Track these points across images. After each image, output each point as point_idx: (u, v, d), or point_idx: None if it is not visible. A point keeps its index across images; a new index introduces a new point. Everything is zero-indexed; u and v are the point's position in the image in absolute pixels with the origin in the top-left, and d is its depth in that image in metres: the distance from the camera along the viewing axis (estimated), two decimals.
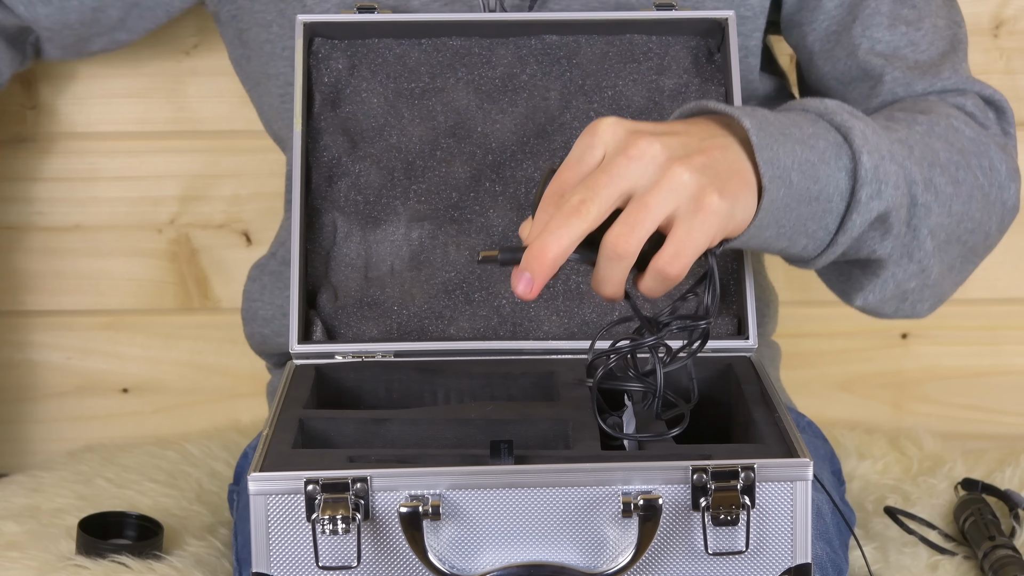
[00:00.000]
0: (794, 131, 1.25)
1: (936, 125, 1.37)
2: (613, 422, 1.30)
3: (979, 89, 1.47)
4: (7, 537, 1.50)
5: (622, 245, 1.16)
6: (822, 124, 1.28)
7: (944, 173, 1.34)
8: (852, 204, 1.27)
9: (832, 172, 1.26)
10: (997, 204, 1.40)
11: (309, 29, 1.43)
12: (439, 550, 1.17)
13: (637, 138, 1.18)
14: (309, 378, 1.34)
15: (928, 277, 1.37)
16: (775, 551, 1.18)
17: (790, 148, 1.24)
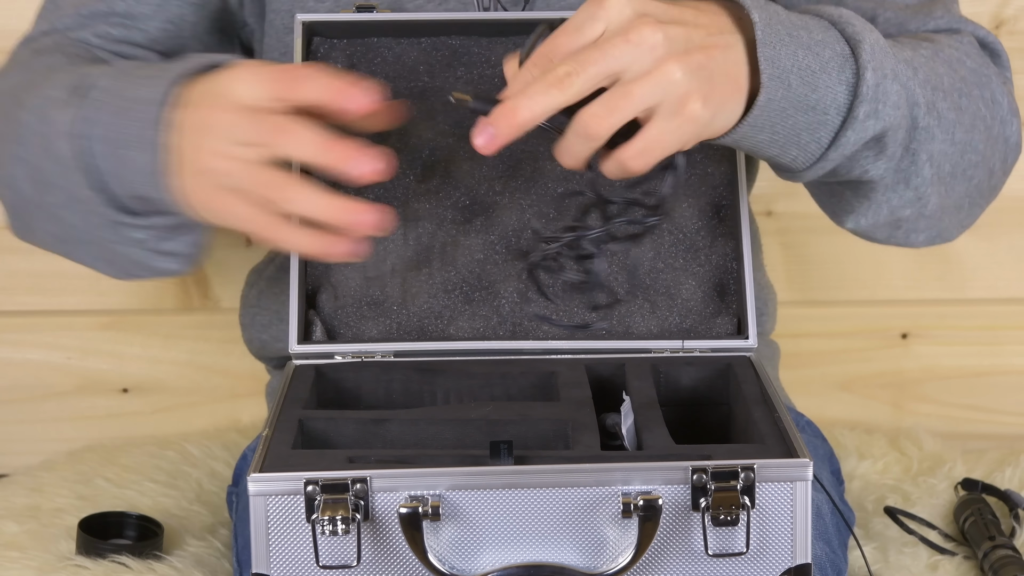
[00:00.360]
0: (802, 34, 1.23)
1: (940, 51, 1.35)
2: (612, 421, 1.30)
3: (973, 30, 1.44)
4: (7, 537, 1.50)
5: (594, 126, 1.16)
6: (833, 32, 1.26)
7: (947, 98, 1.32)
8: (848, 120, 1.26)
9: (832, 83, 1.24)
10: (1000, 140, 1.38)
11: (308, 28, 1.43)
12: (439, 551, 1.17)
13: (641, 23, 1.16)
14: (309, 378, 1.34)
15: (925, 206, 1.35)
16: (775, 551, 1.18)
17: (793, 51, 1.22)
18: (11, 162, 1.35)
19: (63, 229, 1.35)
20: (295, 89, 1.18)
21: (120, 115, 1.26)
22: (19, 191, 1.36)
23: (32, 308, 1.82)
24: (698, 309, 1.40)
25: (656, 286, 1.41)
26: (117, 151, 1.27)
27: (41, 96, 1.34)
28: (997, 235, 1.81)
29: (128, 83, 1.28)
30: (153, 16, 1.46)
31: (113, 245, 1.33)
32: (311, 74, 1.18)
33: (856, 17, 1.27)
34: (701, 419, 1.36)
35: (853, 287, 1.83)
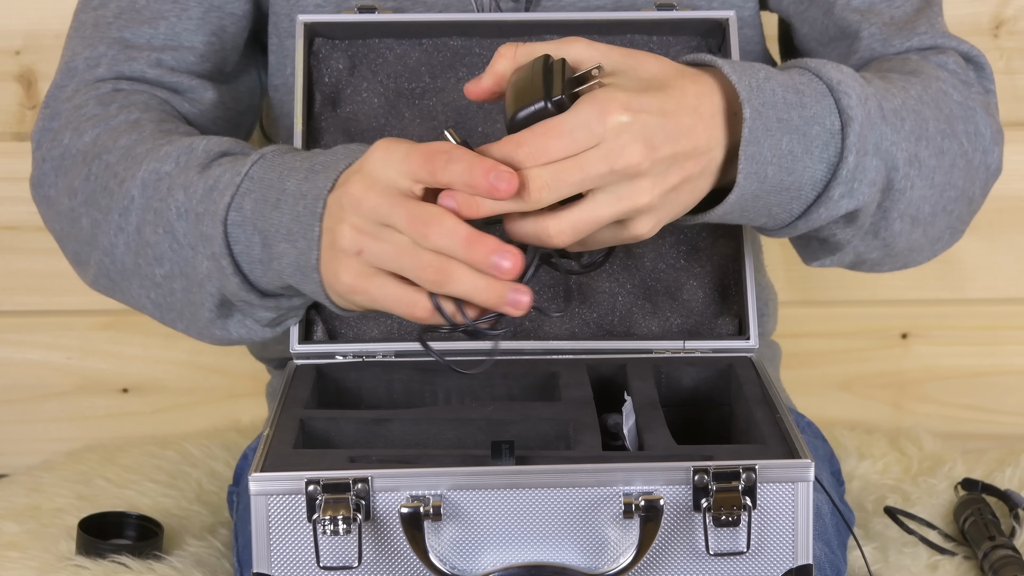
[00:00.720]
0: (793, 115, 1.24)
1: (928, 89, 1.35)
2: (614, 421, 1.30)
3: (956, 46, 1.44)
4: (7, 537, 1.50)
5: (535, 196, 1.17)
6: (828, 102, 1.26)
7: (930, 145, 1.33)
8: (822, 198, 1.27)
9: (813, 163, 1.25)
10: (980, 168, 1.39)
11: (310, 29, 1.43)
12: (440, 551, 1.17)
13: (632, 152, 1.18)
14: (310, 378, 1.34)
15: (891, 249, 1.36)
16: (776, 552, 1.18)
17: (778, 139, 1.23)
18: (111, 231, 1.35)
19: (165, 298, 1.35)
20: (437, 174, 1.17)
21: (276, 207, 1.25)
22: (116, 258, 1.35)
23: (32, 308, 1.82)
24: (699, 310, 1.40)
25: (657, 287, 1.41)
26: (268, 242, 1.26)
27: (150, 170, 1.33)
28: (997, 235, 1.81)
29: (282, 174, 1.26)
30: (196, 31, 1.45)
31: (217, 321, 1.32)
32: (453, 159, 1.16)
33: (854, 81, 1.27)
34: (702, 419, 1.36)
35: (853, 287, 1.83)
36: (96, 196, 1.36)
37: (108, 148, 1.37)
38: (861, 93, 1.27)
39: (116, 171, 1.35)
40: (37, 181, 1.42)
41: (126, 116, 1.40)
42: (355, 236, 1.19)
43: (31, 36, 1.76)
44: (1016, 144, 1.45)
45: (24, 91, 1.77)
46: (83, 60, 1.45)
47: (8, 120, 1.78)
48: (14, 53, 1.78)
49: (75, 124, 1.40)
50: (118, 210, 1.34)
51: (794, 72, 1.27)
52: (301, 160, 1.27)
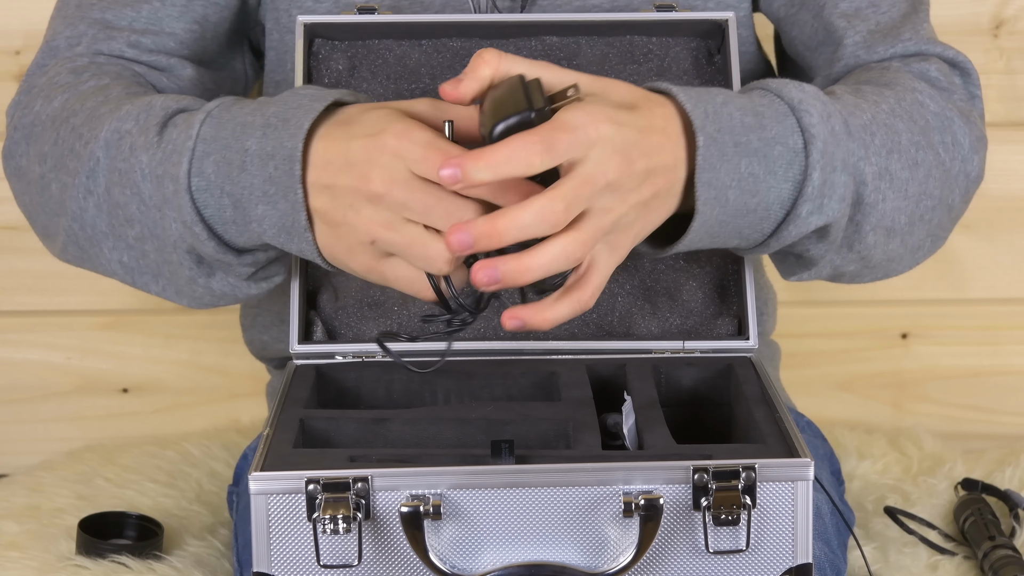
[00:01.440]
0: (752, 137, 1.25)
1: (902, 101, 1.36)
2: (614, 420, 1.30)
3: (941, 52, 1.44)
4: (7, 537, 1.50)
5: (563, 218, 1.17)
6: (790, 121, 1.27)
7: (902, 158, 1.33)
8: (791, 216, 1.27)
9: (777, 183, 1.26)
10: (960, 177, 1.39)
11: (309, 30, 1.43)
12: (440, 550, 1.17)
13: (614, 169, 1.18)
14: (309, 378, 1.34)
15: (868, 261, 1.36)
16: (776, 551, 1.18)
17: (736, 163, 1.24)
18: (78, 194, 1.34)
19: (137, 260, 1.35)
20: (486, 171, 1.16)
21: (243, 169, 1.25)
22: (86, 222, 1.35)
23: (32, 308, 1.82)
24: (699, 310, 1.40)
25: (657, 287, 1.41)
26: (240, 204, 1.26)
27: (111, 129, 1.32)
28: (997, 235, 1.81)
29: (236, 132, 1.26)
30: (179, 17, 1.46)
31: (200, 279, 1.32)
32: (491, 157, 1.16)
33: (816, 99, 1.28)
34: (702, 419, 1.36)
35: (853, 287, 1.83)
36: (64, 159, 1.36)
37: (75, 111, 1.37)
38: (823, 111, 1.27)
39: (81, 132, 1.35)
40: (8, 152, 1.42)
41: (96, 82, 1.40)
42: (371, 228, 1.20)
43: (31, 36, 1.76)
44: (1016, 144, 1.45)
45: None
46: (64, 39, 1.45)
47: None
48: (14, 53, 1.78)
49: (46, 92, 1.41)
50: (85, 172, 1.33)
51: (755, 94, 1.28)
52: (251, 113, 1.26)
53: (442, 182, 1.16)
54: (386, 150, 1.19)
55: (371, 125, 1.22)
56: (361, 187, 1.20)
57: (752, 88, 1.30)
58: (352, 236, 1.21)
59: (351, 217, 1.21)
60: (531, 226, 1.16)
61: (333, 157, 1.22)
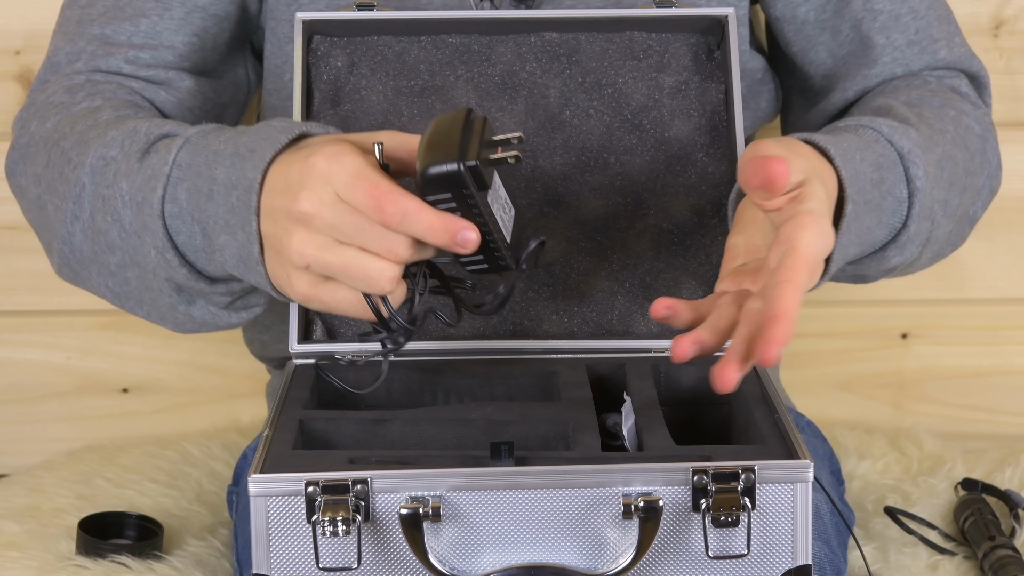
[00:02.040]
0: (876, 194, 1.27)
1: (958, 127, 1.39)
2: (613, 421, 1.30)
3: (967, 67, 1.48)
4: (7, 537, 1.50)
5: None
6: (899, 171, 1.29)
7: (956, 187, 1.36)
8: (876, 255, 1.31)
9: (882, 232, 1.29)
10: (985, 191, 1.43)
11: (308, 27, 1.43)
12: (440, 552, 1.17)
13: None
14: (309, 378, 1.34)
15: (893, 273, 1.38)
16: (776, 552, 1.18)
17: (862, 221, 1.26)
18: (66, 219, 1.34)
19: (121, 286, 1.35)
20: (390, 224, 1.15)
21: (210, 198, 1.24)
22: (74, 246, 1.35)
23: (32, 308, 1.82)
24: None
25: (657, 286, 1.41)
26: (207, 233, 1.25)
27: (97, 155, 1.32)
28: (997, 235, 1.81)
29: (209, 160, 1.25)
30: (178, 31, 1.45)
31: (180, 306, 1.32)
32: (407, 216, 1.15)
33: (920, 147, 1.30)
34: (702, 419, 1.36)
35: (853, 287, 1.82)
36: (55, 183, 1.36)
37: (65, 134, 1.37)
38: (924, 158, 1.30)
39: (70, 157, 1.35)
40: (9, 170, 1.42)
41: (88, 103, 1.40)
42: (303, 250, 1.17)
43: (31, 36, 1.76)
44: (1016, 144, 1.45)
45: (24, 91, 1.77)
46: (64, 55, 1.45)
47: (8, 120, 1.78)
48: (14, 53, 1.78)
49: (42, 112, 1.41)
50: (72, 197, 1.33)
51: (867, 135, 1.29)
52: (225, 143, 1.26)
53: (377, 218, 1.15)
54: (315, 172, 1.17)
55: (309, 149, 1.19)
56: (292, 208, 1.17)
57: (861, 126, 1.31)
58: (288, 261, 1.19)
59: (285, 241, 1.18)
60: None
61: (276, 181, 1.20)
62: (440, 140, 1.16)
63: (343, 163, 1.16)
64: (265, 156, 1.21)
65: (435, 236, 1.15)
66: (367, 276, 1.17)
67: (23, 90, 1.77)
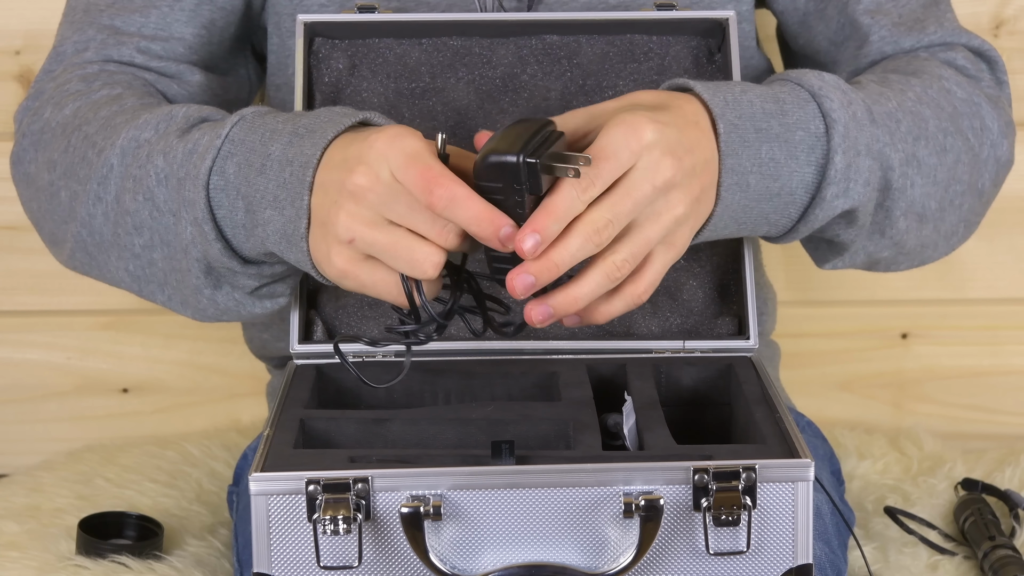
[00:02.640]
0: (773, 123, 1.27)
1: (929, 88, 1.38)
2: (614, 421, 1.30)
3: (967, 41, 1.46)
4: (7, 537, 1.50)
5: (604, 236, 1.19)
6: (811, 107, 1.29)
7: (930, 144, 1.35)
8: (816, 199, 1.29)
9: (799, 167, 1.28)
10: (990, 161, 1.41)
11: (309, 29, 1.43)
12: (440, 550, 1.17)
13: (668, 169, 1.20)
14: (310, 378, 1.34)
15: (903, 247, 1.38)
16: (776, 552, 1.18)
17: (756, 149, 1.26)
18: (88, 201, 1.34)
19: (144, 269, 1.35)
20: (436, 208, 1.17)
21: (261, 172, 1.25)
22: (94, 229, 1.35)
23: (32, 308, 1.82)
24: (699, 310, 1.40)
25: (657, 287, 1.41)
26: (252, 207, 1.26)
27: (129, 137, 1.33)
28: (997, 235, 1.81)
29: (265, 137, 1.26)
30: (188, 22, 1.46)
31: (205, 290, 1.32)
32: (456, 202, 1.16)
33: (837, 85, 1.30)
34: (702, 419, 1.36)
35: (853, 287, 1.83)
36: (75, 167, 1.36)
37: (88, 120, 1.37)
38: (844, 98, 1.29)
39: (95, 141, 1.35)
40: (17, 159, 1.42)
41: (109, 91, 1.40)
42: (351, 224, 1.19)
43: (31, 36, 1.76)
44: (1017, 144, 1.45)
45: (24, 91, 1.77)
46: (71, 44, 1.45)
47: (8, 120, 1.78)
48: (14, 53, 1.78)
49: (57, 99, 1.41)
50: (97, 179, 1.34)
51: (775, 84, 1.31)
52: (283, 123, 1.27)
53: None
54: (375, 150, 1.19)
55: (372, 130, 1.22)
56: (347, 180, 1.19)
57: (772, 80, 1.32)
58: (333, 234, 1.20)
59: (334, 213, 1.20)
60: (581, 250, 1.18)
61: (334, 156, 1.22)
62: (510, 136, 1.18)
63: (402, 144, 1.19)
64: (327, 135, 1.23)
65: (480, 227, 1.17)
66: (412, 258, 1.18)
67: (23, 90, 1.77)
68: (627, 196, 1.19)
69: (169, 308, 1.37)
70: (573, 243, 1.18)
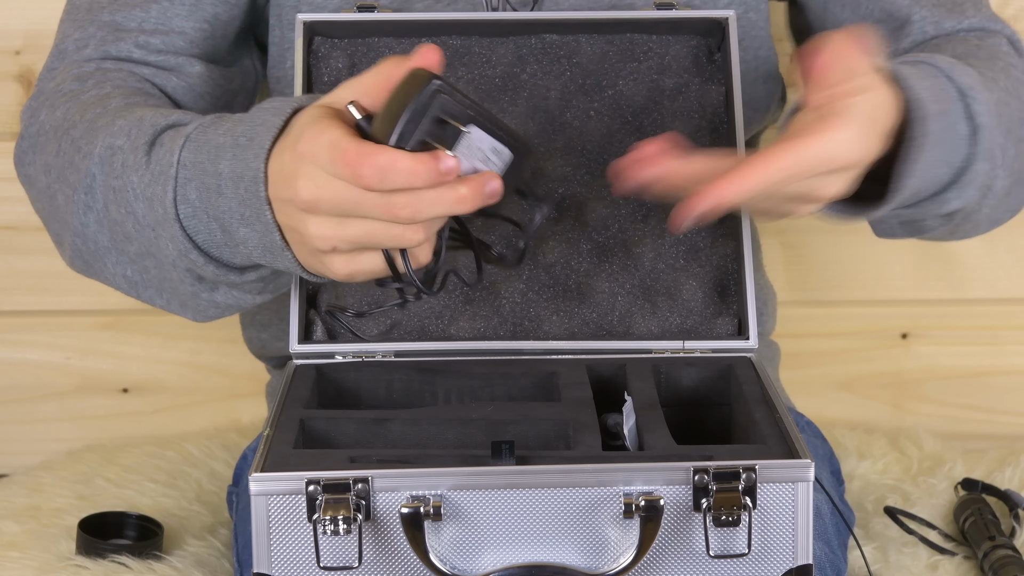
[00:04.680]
0: (937, 127, 1.23)
1: (1009, 77, 1.36)
2: (614, 421, 1.30)
3: (1002, 29, 1.46)
4: (7, 537, 1.50)
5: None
6: (958, 108, 1.26)
7: (1011, 136, 1.33)
8: (936, 196, 1.28)
9: (941, 170, 1.26)
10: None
11: (309, 28, 1.43)
12: (440, 551, 1.17)
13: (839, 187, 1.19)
14: (309, 378, 1.34)
15: (957, 231, 1.37)
16: (776, 552, 1.18)
17: (928, 158, 1.23)
18: (78, 210, 1.34)
19: (140, 274, 1.34)
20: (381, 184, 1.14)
21: (219, 194, 1.24)
22: (88, 237, 1.35)
23: (32, 308, 1.82)
24: (699, 310, 1.40)
25: (657, 287, 1.41)
26: (226, 228, 1.25)
27: (104, 145, 1.32)
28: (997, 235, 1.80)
29: (211, 155, 1.25)
30: (188, 16, 1.46)
31: (203, 294, 1.31)
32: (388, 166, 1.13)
33: (980, 84, 1.27)
34: (702, 419, 1.36)
35: (853, 287, 1.83)
36: (65, 172, 1.35)
37: (75, 123, 1.37)
38: (986, 98, 1.27)
39: (80, 146, 1.35)
40: (19, 160, 1.42)
41: (97, 91, 1.40)
42: (323, 233, 1.17)
43: (31, 36, 1.76)
44: None
45: (24, 91, 1.77)
46: (73, 42, 1.45)
47: (8, 120, 1.78)
48: (14, 53, 1.78)
49: (51, 100, 1.41)
50: (83, 188, 1.33)
51: (928, 73, 1.27)
52: (224, 134, 1.25)
53: None
54: (304, 157, 1.16)
55: (295, 134, 1.19)
56: (295, 199, 1.17)
57: (920, 63, 1.28)
58: (315, 248, 1.19)
59: (302, 228, 1.18)
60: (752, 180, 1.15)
61: (276, 172, 1.20)
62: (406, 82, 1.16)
63: (320, 138, 1.15)
64: (264, 143, 1.21)
65: (419, 178, 1.13)
66: (392, 235, 1.16)
67: (23, 90, 1.77)
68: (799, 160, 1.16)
69: (170, 311, 1.36)
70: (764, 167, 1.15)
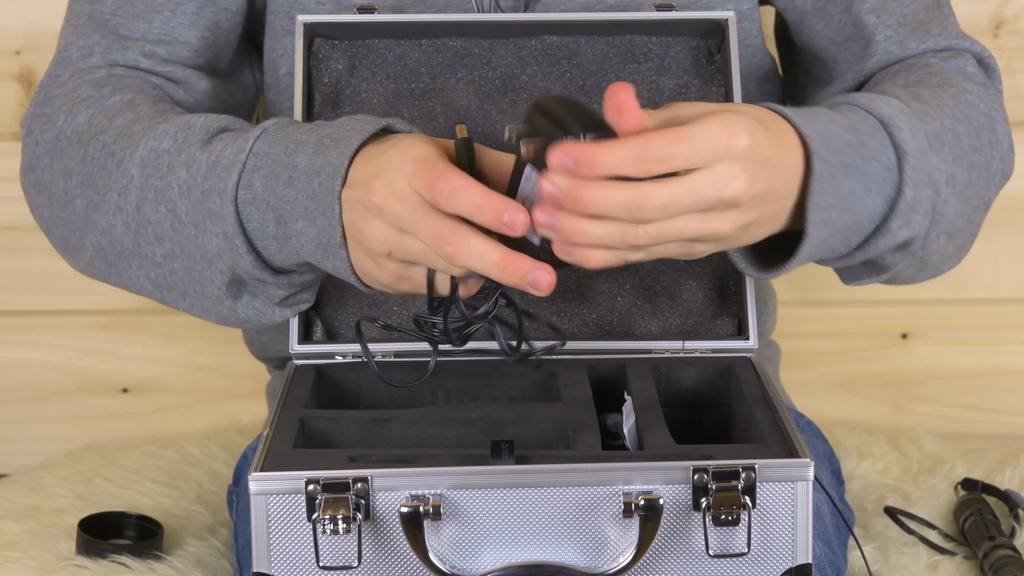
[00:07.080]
0: (855, 157, 1.24)
1: (959, 103, 1.36)
2: (614, 420, 1.30)
3: (969, 47, 1.45)
4: (7, 537, 1.50)
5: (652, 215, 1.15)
6: (882, 137, 1.27)
7: (962, 162, 1.33)
8: (880, 230, 1.28)
9: (872, 200, 1.26)
10: (998, 175, 1.40)
11: (309, 29, 1.43)
12: (440, 550, 1.17)
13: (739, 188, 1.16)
14: (309, 378, 1.34)
15: (925, 264, 1.37)
16: (776, 551, 1.18)
17: (840, 184, 1.23)
18: (109, 211, 1.34)
19: (165, 277, 1.35)
20: (440, 204, 1.17)
21: (289, 184, 1.25)
22: (115, 239, 1.35)
23: (32, 308, 1.82)
24: (699, 310, 1.40)
25: (657, 287, 1.41)
26: (283, 219, 1.26)
27: (148, 148, 1.33)
28: (997, 235, 1.81)
29: (290, 149, 1.27)
30: (191, 26, 1.46)
31: (226, 300, 1.32)
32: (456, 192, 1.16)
33: (903, 113, 1.27)
34: (702, 419, 1.36)
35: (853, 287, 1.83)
36: (93, 176, 1.36)
37: (104, 128, 1.37)
38: (911, 125, 1.27)
39: (113, 151, 1.35)
40: (29, 166, 1.42)
41: (120, 96, 1.40)
42: (383, 238, 1.21)
43: (31, 36, 1.77)
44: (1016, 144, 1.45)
45: (24, 91, 1.77)
46: (76, 49, 1.45)
47: (8, 120, 1.78)
48: (14, 53, 1.78)
49: (69, 106, 1.41)
50: (117, 190, 1.34)
51: (844, 109, 1.28)
52: (307, 133, 1.28)
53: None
54: (391, 164, 1.20)
55: (390, 143, 1.22)
56: (366, 199, 1.20)
57: (838, 104, 1.29)
58: (371, 250, 1.22)
59: (365, 230, 1.21)
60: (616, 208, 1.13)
61: (358, 173, 1.23)
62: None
63: (413, 152, 1.19)
64: (352, 143, 1.24)
65: (482, 214, 1.16)
66: (431, 262, 1.20)
67: (23, 90, 1.77)
68: (692, 193, 1.15)
69: (192, 314, 1.37)
70: (613, 196, 1.13)
